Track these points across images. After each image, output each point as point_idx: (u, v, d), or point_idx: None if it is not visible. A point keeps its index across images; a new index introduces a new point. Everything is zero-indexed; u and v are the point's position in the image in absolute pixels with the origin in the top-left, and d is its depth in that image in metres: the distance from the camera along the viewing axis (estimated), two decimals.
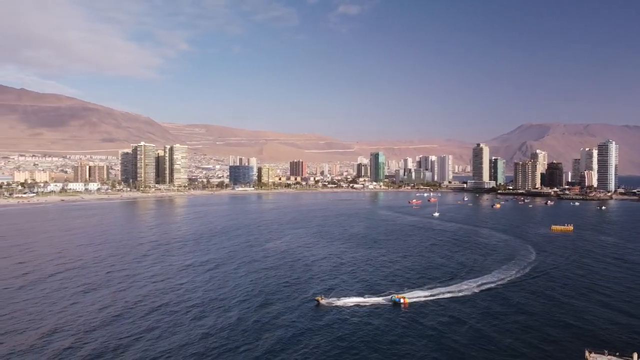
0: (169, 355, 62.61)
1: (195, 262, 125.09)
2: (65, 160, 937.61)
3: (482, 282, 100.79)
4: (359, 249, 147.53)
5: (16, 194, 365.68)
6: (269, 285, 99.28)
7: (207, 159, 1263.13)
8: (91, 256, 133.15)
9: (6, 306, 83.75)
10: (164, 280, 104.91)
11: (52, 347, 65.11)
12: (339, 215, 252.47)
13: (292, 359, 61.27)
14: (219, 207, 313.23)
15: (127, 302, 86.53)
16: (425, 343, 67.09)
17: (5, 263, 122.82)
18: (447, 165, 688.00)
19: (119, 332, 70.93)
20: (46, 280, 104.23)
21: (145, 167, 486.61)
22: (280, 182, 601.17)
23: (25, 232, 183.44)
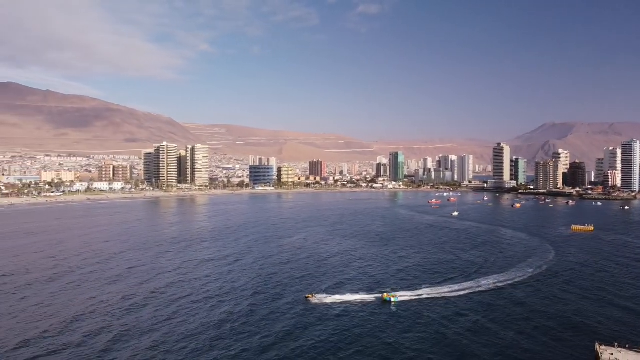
0: (188, 338, 67.45)
1: (215, 257, 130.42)
2: (89, 160, 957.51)
3: (495, 280, 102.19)
4: (373, 246, 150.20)
5: (44, 193, 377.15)
6: (283, 279, 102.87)
7: (227, 158, 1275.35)
8: (116, 250, 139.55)
9: (40, 294, 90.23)
10: (185, 273, 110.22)
11: (81, 330, 71.04)
12: (357, 215, 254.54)
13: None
14: (240, 206, 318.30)
15: (149, 292, 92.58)
16: (416, 339, 69.10)
17: (38, 257, 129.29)
18: (467, 164, 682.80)
19: (142, 318, 76.84)
20: (74, 272, 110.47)
21: (167, 166, 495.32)
22: (300, 181, 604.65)
23: (54, 229, 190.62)
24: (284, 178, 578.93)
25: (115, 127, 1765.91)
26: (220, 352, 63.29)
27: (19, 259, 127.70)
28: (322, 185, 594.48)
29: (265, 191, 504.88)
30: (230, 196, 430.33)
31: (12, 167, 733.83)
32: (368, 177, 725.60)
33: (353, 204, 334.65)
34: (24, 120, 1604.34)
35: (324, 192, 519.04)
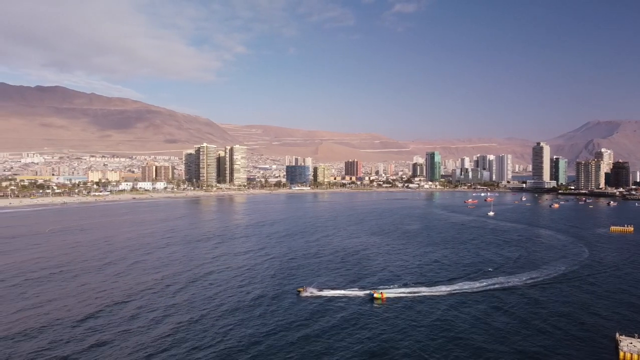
0: (221, 317, 77.78)
1: (250, 250, 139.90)
2: (132, 161, 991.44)
3: (518, 279, 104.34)
4: (400, 243, 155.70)
5: (93, 192, 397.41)
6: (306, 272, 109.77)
7: (263, 159, 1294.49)
8: (161, 244, 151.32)
9: (94, 280, 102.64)
10: (223, 263, 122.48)
11: (129, 308, 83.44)
12: (392, 214, 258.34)
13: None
14: (277, 205, 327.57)
15: (188, 280, 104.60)
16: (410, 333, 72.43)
17: (91, 249, 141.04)
18: (506, 164, 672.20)
19: (182, 299, 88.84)
20: (123, 262, 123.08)
21: (207, 167, 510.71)
22: (336, 181, 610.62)
23: (104, 225, 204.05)
24: (319, 178, 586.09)
25: (156, 128, 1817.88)
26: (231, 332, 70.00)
27: (76, 250, 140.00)
28: (357, 185, 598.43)
29: (302, 191, 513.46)
30: (268, 196, 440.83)
31: (61, 167, 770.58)
32: (404, 177, 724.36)
33: (389, 204, 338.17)
34: (70, 123, 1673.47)
35: (360, 192, 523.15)
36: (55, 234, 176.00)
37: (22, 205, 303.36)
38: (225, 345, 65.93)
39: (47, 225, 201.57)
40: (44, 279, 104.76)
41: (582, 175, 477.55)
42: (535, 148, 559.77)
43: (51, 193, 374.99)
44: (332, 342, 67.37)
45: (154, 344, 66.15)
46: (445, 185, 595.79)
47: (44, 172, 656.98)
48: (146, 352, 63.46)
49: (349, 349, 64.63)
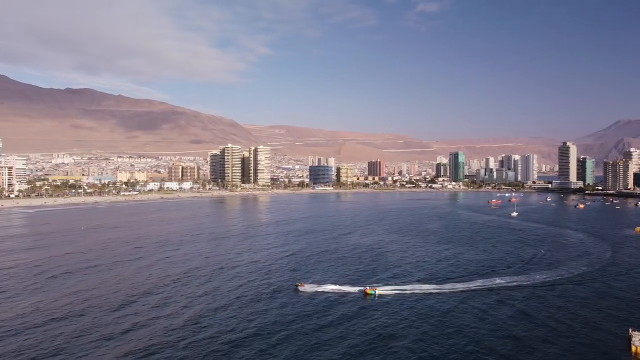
0: (235, 307, 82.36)
1: (272, 245, 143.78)
2: (158, 161, 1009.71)
3: (537, 276, 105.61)
4: (419, 242, 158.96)
5: (123, 192, 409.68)
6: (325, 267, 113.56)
7: (286, 159, 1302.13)
8: (188, 239, 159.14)
9: (127, 271, 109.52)
10: (246, 258, 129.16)
11: (160, 295, 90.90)
12: (414, 214, 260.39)
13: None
14: (300, 205, 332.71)
15: (211, 271, 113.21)
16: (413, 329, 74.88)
17: (123, 245, 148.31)
18: (532, 164, 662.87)
19: (205, 290, 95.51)
20: (153, 256, 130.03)
21: (232, 167, 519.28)
22: (359, 181, 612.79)
23: (135, 223, 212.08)
24: (342, 178, 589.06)
25: (181, 129, 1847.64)
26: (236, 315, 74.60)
27: (109, 246, 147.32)
28: (380, 185, 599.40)
29: (325, 191, 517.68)
30: (291, 195, 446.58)
31: (90, 167, 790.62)
32: (427, 177, 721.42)
33: (409, 204, 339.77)
34: (98, 124, 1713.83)
35: (383, 192, 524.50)
36: (90, 231, 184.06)
37: (56, 204, 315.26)
38: (226, 332, 71.49)
39: (81, 223, 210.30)
40: (81, 271, 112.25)
41: (610, 175, 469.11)
42: (561, 148, 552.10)
43: (83, 193, 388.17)
44: (324, 335, 70.65)
45: (180, 329, 72.23)
46: (469, 185, 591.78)
47: (74, 172, 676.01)
48: (173, 336, 69.56)
49: (335, 344, 67.35)
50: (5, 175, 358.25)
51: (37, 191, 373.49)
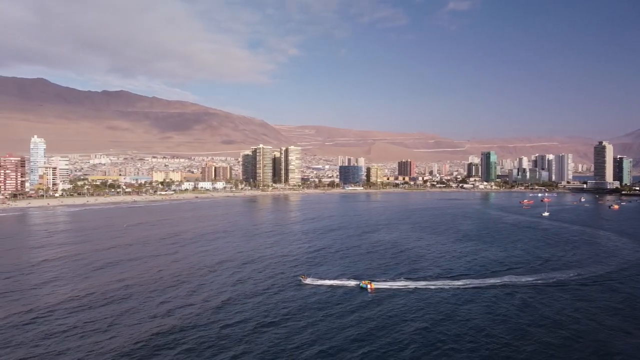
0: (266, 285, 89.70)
1: (301, 241, 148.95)
2: (191, 162, 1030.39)
3: (558, 275, 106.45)
4: (444, 240, 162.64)
5: (159, 191, 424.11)
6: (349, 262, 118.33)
7: (316, 159, 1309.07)
8: (222, 235, 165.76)
9: (164, 263, 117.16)
10: (274, 252, 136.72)
11: (193, 283, 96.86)
12: (443, 214, 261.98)
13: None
14: (330, 204, 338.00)
15: (241, 263, 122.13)
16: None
17: (162, 240, 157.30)
18: (566, 164, 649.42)
19: (235, 279, 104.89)
20: (188, 248, 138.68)
21: (263, 167, 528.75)
22: (389, 181, 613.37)
23: (171, 221, 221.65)
24: (372, 178, 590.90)
25: (213, 130, 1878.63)
26: None
27: (149, 241, 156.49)
28: (410, 185, 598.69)
29: (355, 191, 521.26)
30: (321, 195, 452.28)
31: (126, 168, 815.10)
32: (459, 177, 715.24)
33: (439, 204, 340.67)
34: (133, 125, 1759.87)
35: (413, 192, 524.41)
36: (131, 228, 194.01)
37: (97, 202, 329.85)
38: (244, 317, 78.77)
39: (123, 220, 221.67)
40: (125, 263, 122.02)
41: None
42: (596, 147, 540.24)
43: (122, 192, 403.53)
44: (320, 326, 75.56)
45: (212, 313, 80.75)
46: (501, 185, 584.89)
47: (112, 172, 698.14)
48: (206, 318, 78.13)
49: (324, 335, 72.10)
50: (50, 175, 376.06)
51: (79, 190, 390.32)
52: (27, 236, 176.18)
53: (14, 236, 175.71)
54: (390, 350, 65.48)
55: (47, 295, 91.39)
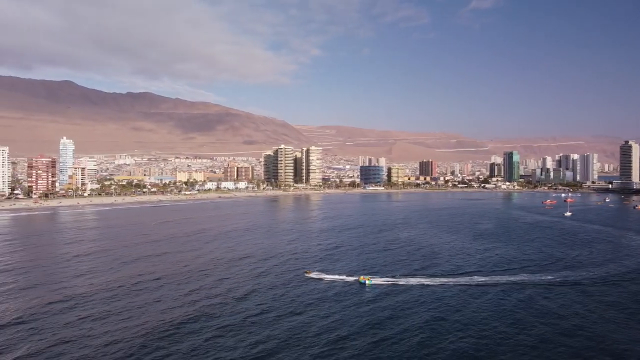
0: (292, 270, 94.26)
1: (320, 238, 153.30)
2: (213, 162, 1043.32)
3: (571, 274, 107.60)
4: (461, 238, 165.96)
5: (183, 191, 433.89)
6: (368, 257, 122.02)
7: (337, 159, 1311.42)
8: (244, 232, 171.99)
9: (190, 257, 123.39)
10: (294, 247, 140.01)
11: (217, 274, 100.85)
12: (463, 213, 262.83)
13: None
14: (350, 204, 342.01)
15: (262, 257, 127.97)
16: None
17: (188, 237, 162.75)
18: (591, 164, 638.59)
19: (262, 267, 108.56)
20: (212, 245, 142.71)
21: (285, 167, 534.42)
22: (410, 181, 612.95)
23: (195, 219, 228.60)
24: (393, 178, 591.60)
25: (235, 130, 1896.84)
26: None
27: (176, 238, 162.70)
28: (432, 185, 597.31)
29: (376, 191, 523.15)
30: (342, 195, 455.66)
31: (151, 168, 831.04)
32: (481, 177, 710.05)
33: (460, 203, 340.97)
34: (157, 126, 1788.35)
35: (434, 192, 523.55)
36: (159, 226, 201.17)
37: (124, 202, 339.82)
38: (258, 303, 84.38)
39: (150, 219, 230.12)
40: (153, 257, 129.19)
41: None
42: (622, 147, 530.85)
43: (147, 192, 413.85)
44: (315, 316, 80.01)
45: (234, 301, 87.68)
46: (524, 185, 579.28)
47: (136, 172, 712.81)
48: (229, 305, 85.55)
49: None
50: (79, 176, 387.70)
51: (107, 190, 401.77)
52: (60, 233, 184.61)
53: (49, 233, 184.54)
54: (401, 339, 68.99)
55: (82, 286, 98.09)
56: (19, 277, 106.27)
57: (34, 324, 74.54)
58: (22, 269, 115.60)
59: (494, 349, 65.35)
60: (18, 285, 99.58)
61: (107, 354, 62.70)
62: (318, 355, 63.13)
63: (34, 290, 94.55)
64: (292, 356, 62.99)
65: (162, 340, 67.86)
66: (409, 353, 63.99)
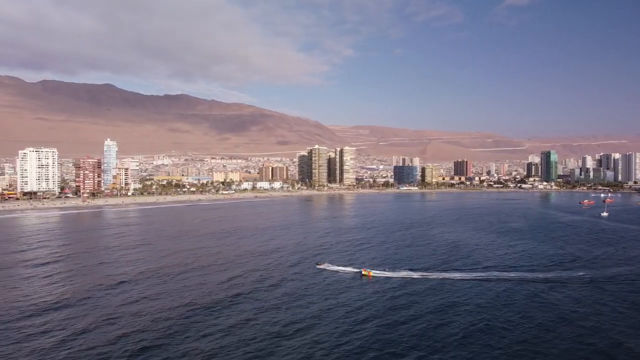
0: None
1: (352, 235, 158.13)
2: (247, 162, 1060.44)
3: (577, 273, 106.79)
4: (489, 236, 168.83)
5: (221, 191, 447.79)
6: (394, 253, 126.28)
7: (371, 159, 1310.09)
8: (280, 228, 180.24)
9: (228, 250, 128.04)
10: (325, 242, 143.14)
11: (257, 263, 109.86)
12: (497, 213, 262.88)
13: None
14: (383, 204, 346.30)
15: (300, 247, 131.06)
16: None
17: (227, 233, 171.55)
18: (634, 163, 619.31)
19: (294, 257, 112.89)
20: (250, 240, 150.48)
21: (319, 167, 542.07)
22: (444, 181, 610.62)
23: (232, 217, 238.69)
24: (427, 178, 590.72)
25: (269, 131, 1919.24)
26: None
27: (217, 234, 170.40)
28: (467, 185, 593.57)
29: (410, 191, 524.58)
30: (376, 195, 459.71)
31: (188, 168, 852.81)
32: (518, 177, 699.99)
33: (494, 203, 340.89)
34: (193, 127, 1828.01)
35: (469, 192, 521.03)
36: (201, 223, 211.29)
37: (166, 201, 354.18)
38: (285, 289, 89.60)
39: (191, 216, 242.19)
40: (195, 250, 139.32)
41: None
42: None
43: (187, 191, 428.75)
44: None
45: (266, 287, 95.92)
46: (561, 185, 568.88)
47: (174, 172, 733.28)
48: (262, 291, 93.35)
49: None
50: (123, 176, 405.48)
51: (148, 190, 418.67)
52: (109, 228, 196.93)
53: (99, 229, 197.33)
54: None
55: (132, 273, 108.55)
56: (74, 265, 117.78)
57: (90, 303, 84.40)
58: (77, 258, 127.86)
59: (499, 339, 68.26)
60: (74, 271, 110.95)
61: (155, 328, 70.75)
62: (342, 332, 69.26)
63: (88, 276, 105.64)
64: (318, 332, 69.90)
65: (207, 316, 77.02)
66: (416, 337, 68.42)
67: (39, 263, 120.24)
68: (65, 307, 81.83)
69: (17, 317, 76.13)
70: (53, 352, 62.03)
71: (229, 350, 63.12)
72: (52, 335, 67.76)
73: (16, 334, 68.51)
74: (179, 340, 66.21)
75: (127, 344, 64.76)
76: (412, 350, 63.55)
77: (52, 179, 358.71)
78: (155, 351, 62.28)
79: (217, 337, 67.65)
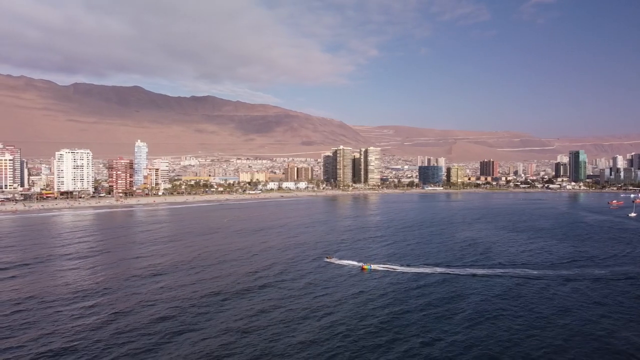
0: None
1: (374, 234, 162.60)
2: (273, 163, 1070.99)
3: (593, 271, 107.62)
4: (511, 234, 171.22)
5: (248, 190, 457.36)
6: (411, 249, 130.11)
7: (395, 159, 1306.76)
8: (307, 225, 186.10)
9: (253, 245, 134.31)
10: (345, 239, 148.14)
11: (281, 259, 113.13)
12: (523, 213, 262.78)
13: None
14: (408, 204, 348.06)
15: (324, 244, 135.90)
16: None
17: (254, 231, 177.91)
18: None
19: (315, 251, 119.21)
20: (278, 236, 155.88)
21: (343, 168, 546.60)
22: (470, 182, 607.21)
23: (263, 216, 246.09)
24: (453, 178, 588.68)
25: (293, 131, 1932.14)
26: None
27: (244, 232, 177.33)
28: (493, 185, 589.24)
29: (435, 191, 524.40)
30: (400, 195, 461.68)
31: (215, 169, 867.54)
32: (545, 177, 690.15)
33: (521, 204, 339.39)
34: (219, 128, 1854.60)
35: (495, 192, 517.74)
36: (230, 221, 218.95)
37: (195, 200, 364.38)
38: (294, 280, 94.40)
39: (220, 215, 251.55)
40: (225, 245, 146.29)
41: None
42: None
43: (215, 191, 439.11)
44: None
45: (288, 279, 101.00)
46: (590, 186, 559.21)
47: (201, 173, 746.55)
48: (287, 282, 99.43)
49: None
50: (154, 176, 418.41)
51: (177, 190, 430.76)
52: (142, 225, 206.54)
53: (132, 225, 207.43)
54: None
55: (165, 264, 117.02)
56: (113, 258, 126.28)
57: (131, 290, 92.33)
58: (114, 252, 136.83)
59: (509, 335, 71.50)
60: (113, 263, 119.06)
61: (191, 311, 77.51)
62: (361, 315, 73.72)
63: (126, 268, 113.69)
64: (335, 317, 75.43)
65: (237, 299, 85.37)
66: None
67: (81, 256, 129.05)
68: (108, 293, 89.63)
69: (68, 301, 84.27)
70: (101, 330, 69.23)
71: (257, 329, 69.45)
72: (99, 317, 75.09)
73: (68, 315, 76.14)
74: (214, 322, 72.79)
75: (166, 324, 71.58)
76: (417, 337, 68.19)
77: (87, 179, 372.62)
78: (191, 333, 68.42)
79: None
